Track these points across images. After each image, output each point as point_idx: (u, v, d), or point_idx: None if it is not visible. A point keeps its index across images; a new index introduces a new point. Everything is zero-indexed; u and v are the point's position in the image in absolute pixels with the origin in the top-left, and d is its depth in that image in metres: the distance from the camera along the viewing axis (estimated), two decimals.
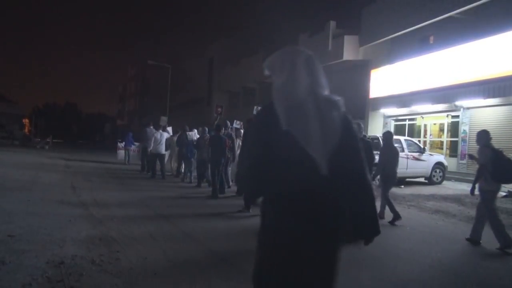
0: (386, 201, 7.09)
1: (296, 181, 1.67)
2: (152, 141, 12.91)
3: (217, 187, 9.01)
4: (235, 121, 11.86)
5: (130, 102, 62.35)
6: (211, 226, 6.09)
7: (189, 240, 5.11)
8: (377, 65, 17.91)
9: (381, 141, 11.53)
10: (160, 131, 13.17)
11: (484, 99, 13.05)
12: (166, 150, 13.34)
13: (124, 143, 18.75)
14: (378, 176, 7.38)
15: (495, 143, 13.31)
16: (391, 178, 7.11)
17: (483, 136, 5.97)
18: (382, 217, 7.10)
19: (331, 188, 1.70)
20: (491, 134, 5.83)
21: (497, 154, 5.55)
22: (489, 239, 5.85)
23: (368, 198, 1.82)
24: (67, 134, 66.16)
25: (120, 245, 4.63)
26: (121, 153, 19.08)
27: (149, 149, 13.22)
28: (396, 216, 6.81)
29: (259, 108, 7.62)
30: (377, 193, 6.68)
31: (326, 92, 1.82)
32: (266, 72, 1.88)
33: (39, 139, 33.81)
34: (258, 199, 1.88)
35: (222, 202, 8.44)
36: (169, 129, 14.70)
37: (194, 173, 11.78)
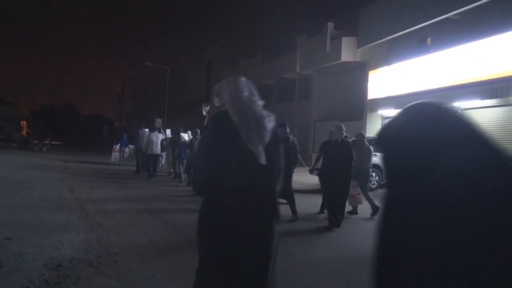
0: (366, 196, 7.54)
1: (241, 167, 2.15)
2: (145, 142, 13.22)
3: None
4: None
5: (129, 104, 62.31)
6: None
7: (186, 242, 5.10)
8: (375, 66, 17.94)
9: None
10: (156, 132, 13.45)
11: (482, 100, 13.08)
12: (163, 151, 13.49)
13: (119, 145, 19.08)
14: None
15: None
16: (364, 175, 7.60)
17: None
18: (355, 212, 7.77)
19: (267, 173, 2.19)
20: (488, 134, 5.91)
21: None
22: None
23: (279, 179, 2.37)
24: (65, 136, 66.03)
25: (118, 247, 4.62)
26: (116, 155, 19.45)
27: (143, 151, 13.42)
28: (375, 211, 7.45)
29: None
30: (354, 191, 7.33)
31: (260, 104, 2.35)
32: (215, 93, 2.41)
33: (37, 141, 33.73)
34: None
35: None
36: (168, 131, 14.79)
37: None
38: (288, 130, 7.24)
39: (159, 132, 13.71)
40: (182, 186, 11.58)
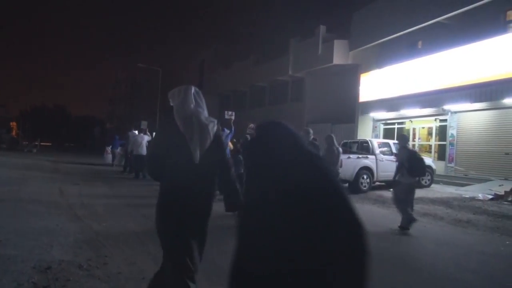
0: None
1: (182, 164, 2.62)
2: (131, 143, 14.06)
3: None
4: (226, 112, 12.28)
5: (120, 105, 61.91)
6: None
7: None
8: (366, 69, 18.08)
9: (370, 145, 11.67)
10: (141, 134, 14.19)
11: (471, 103, 13.26)
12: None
13: (111, 146, 19.90)
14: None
15: (482, 146, 13.53)
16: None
17: (402, 139, 7.26)
18: None
19: (201, 170, 2.63)
20: (478, 137, 6.20)
21: (412, 154, 6.78)
22: (478, 244, 5.94)
23: (229, 176, 2.83)
24: (55, 137, 65.39)
25: (108, 249, 4.60)
26: (109, 156, 20.31)
27: (130, 152, 14.15)
28: None
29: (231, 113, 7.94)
30: None
31: (205, 113, 2.77)
32: (169, 99, 2.80)
33: (27, 142, 33.37)
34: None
35: None
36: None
37: None
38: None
39: (145, 133, 14.30)
40: None
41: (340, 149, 8.53)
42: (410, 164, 6.56)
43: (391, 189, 11.60)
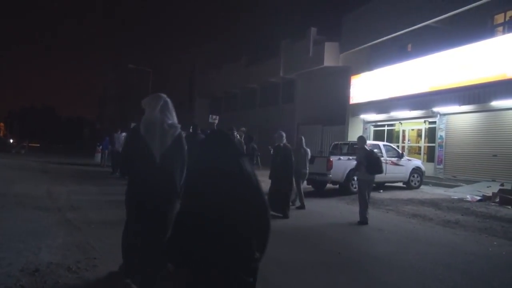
0: (298, 192, 8.72)
1: (144, 164, 3.19)
2: (120, 143, 14.38)
3: None
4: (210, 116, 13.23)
5: (110, 106, 61.39)
6: None
7: None
8: (357, 71, 18.21)
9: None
10: (125, 133, 14.63)
11: (460, 105, 13.43)
12: None
13: (101, 146, 19.93)
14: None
15: (471, 148, 13.68)
16: (302, 174, 8.86)
17: (361, 140, 7.79)
18: (293, 204, 8.56)
19: (161, 169, 3.23)
20: (466, 139, 6.36)
21: (369, 153, 7.36)
22: (467, 244, 6.01)
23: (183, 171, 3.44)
24: (44, 138, 64.63)
25: (98, 251, 4.55)
26: (99, 155, 20.39)
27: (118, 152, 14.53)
28: (302, 206, 8.65)
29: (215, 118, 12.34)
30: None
31: (171, 120, 3.22)
32: (142, 105, 3.28)
33: (15, 143, 32.90)
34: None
35: None
36: None
37: None
38: (235, 134, 9.02)
39: None
40: None
41: (308, 150, 9.14)
42: (368, 163, 7.18)
43: (381, 191, 11.74)
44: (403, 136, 16.91)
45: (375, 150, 11.85)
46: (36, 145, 48.03)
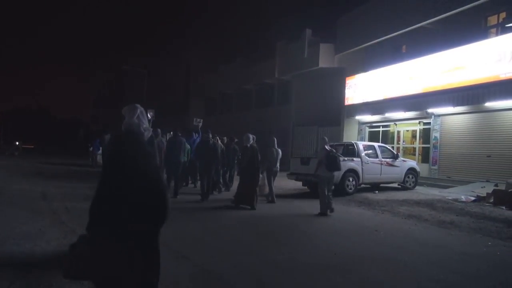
0: (269, 187, 9.68)
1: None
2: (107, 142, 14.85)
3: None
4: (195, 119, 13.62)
5: (105, 108, 61.13)
6: (181, 229, 6.03)
7: (162, 248, 5.03)
8: (352, 72, 18.27)
9: (355, 147, 11.77)
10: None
11: (454, 107, 13.51)
12: None
13: (92, 148, 20.41)
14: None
15: (465, 149, 13.74)
16: (273, 172, 9.84)
17: (323, 141, 8.68)
18: (273, 201, 9.52)
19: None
20: (461, 140, 6.41)
21: (329, 153, 8.22)
22: (461, 244, 6.04)
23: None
24: (39, 139, 64.21)
25: None
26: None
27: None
28: (272, 200, 9.53)
29: (199, 120, 12.67)
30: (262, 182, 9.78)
31: (145, 124, 3.55)
32: (123, 113, 3.59)
33: (9, 145, 32.68)
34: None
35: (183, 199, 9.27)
36: None
37: None
38: (210, 136, 10.08)
39: None
40: None
41: (279, 151, 10.14)
42: (328, 161, 8.13)
43: (376, 191, 11.78)
44: (398, 137, 16.98)
45: (370, 151, 11.97)
46: (31, 146, 47.71)
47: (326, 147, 8.43)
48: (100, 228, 2.83)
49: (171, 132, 11.03)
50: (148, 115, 21.48)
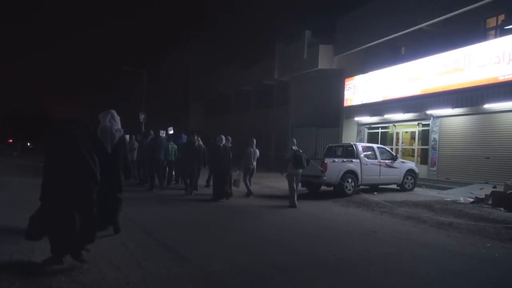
0: (245, 183, 10.94)
1: (101, 153, 4.41)
2: None
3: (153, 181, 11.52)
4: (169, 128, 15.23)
5: (103, 108, 60.99)
6: (182, 231, 6.03)
7: (161, 248, 5.04)
8: (351, 74, 18.29)
9: (354, 149, 11.78)
10: None
11: (453, 108, 13.54)
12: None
13: None
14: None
15: (464, 150, 13.75)
16: (251, 169, 11.15)
17: (291, 142, 9.78)
18: (249, 194, 10.78)
19: (112, 158, 5.02)
20: (459, 141, 6.45)
21: (295, 152, 9.28)
22: (460, 246, 6.05)
23: (125, 159, 5.54)
24: (38, 139, 64.01)
25: (92, 254, 4.52)
26: None
27: None
28: (249, 194, 10.79)
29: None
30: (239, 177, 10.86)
31: (116, 126, 5.09)
32: (99, 118, 4.93)
33: (7, 146, 32.66)
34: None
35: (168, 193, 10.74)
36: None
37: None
38: (196, 137, 11.17)
39: None
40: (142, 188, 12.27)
41: (257, 150, 11.36)
42: (294, 160, 9.17)
43: (375, 193, 11.79)
44: (397, 139, 17.00)
45: (369, 153, 12.00)
46: (30, 147, 47.63)
47: (294, 147, 9.46)
48: (48, 197, 4.02)
49: (152, 133, 12.44)
50: (140, 117, 21.57)
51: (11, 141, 31.55)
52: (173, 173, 13.18)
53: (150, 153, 11.46)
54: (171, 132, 16.04)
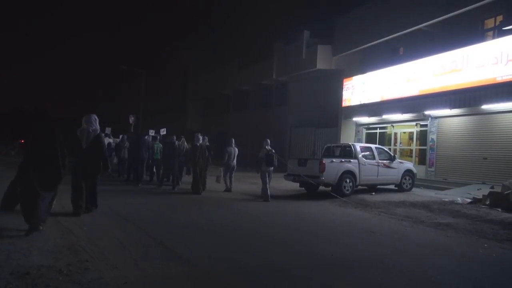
0: (224, 178, 11.70)
1: (78, 150, 6.87)
2: None
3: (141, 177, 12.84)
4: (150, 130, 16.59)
5: (102, 107, 60.98)
6: (176, 229, 6.03)
7: (159, 248, 5.04)
8: (349, 74, 18.31)
9: (352, 149, 11.79)
10: (106, 137, 16.04)
11: (451, 109, 13.57)
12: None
13: None
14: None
15: (461, 151, 13.78)
16: (231, 166, 11.84)
17: (264, 142, 10.50)
18: (229, 190, 11.64)
19: (87, 153, 6.85)
20: (457, 142, 6.45)
21: (267, 152, 10.27)
22: (458, 246, 6.06)
23: (102, 154, 7.07)
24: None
25: (89, 254, 4.52)
26: None
27: None
28: (228, 189, 11.65)
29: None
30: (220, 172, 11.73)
31: (93, 127, 6.88)
32: (83, 121, 6.92)
33: (4, 145, 32.54)
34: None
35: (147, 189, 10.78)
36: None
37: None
38: (175, 138, 12.29)
39: (109, 137, 17.65)
40: (132, 184, 12.92)
41: (236, 149, 12.07)
42: (267, 159, 10.18)
43: (373, 193, 11.80)
44: (395, 139, 17.03)
45: (367, 153, 12.02)
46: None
47: (267, 147, 10.36)
48: (24, 174, 5.38)
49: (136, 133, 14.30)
50: (130, 120, 24.38)
51: (22, 141, 31.36)
52: (154, 170, 13.94)
53: (134, 152, 12.94)
54: (164, 133, 17.27)
